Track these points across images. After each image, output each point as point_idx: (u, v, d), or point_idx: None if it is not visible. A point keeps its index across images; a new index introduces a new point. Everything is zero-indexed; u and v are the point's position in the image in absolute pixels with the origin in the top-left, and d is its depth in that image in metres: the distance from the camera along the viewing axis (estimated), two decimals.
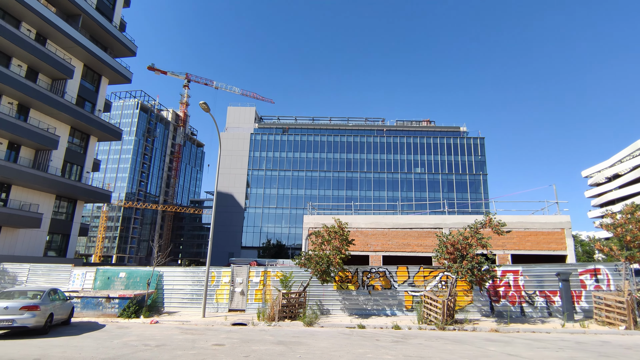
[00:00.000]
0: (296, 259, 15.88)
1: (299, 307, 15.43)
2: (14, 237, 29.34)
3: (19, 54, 28.93)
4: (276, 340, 11.18)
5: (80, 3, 33.24)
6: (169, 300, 17.68)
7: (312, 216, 22.28)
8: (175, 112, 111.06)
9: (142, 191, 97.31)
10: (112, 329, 13.18)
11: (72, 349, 9.72)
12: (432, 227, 20.61)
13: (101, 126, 36.01)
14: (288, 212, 79.68)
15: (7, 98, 28.73)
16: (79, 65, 34.90)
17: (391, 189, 79.14)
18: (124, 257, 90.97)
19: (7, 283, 18.77)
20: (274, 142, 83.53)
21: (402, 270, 16.81)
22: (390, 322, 14.42)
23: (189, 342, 10.73)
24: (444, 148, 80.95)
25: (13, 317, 11.15)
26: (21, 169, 28.19)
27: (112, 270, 18.64)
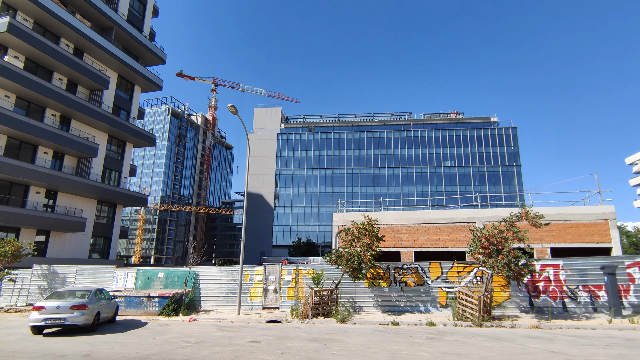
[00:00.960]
0: (327, 256, 15.96)
1: (331, 304, 15.52)
2: (62, 241, 31.25)
3: (60, 68, 30.71)
4: (310, 337, 11.31)
5: (113, 16, 34.81)
6: (205, 299, 18.27)
7: (341, 214, 22.30)
8: (204, 116, 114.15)
9: (176, 194, 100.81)
10: (153, 326, 13.77)
11: (118, 345, 10.26)
12: (465, 222, 20.11)
13: (136, 133, 37.64)
14: (317, 210, 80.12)
15: (50, 110, 30.60)
16: (113, 75, 36.60)
17: (420, 184, 77.79)
18: (161, 258, 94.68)
19: (58, 284, 20.02)
20: (301, 141, 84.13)
21: (434, 266, 16.53)
22: (424, 318, 14.23)
23: (226, 339, 11.05)
24: (474, 140, 78.59)
25: (64, 315, 11.90)
26: (66, 177, 29.98)
27: (152, 270, 19.47)
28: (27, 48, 27.82)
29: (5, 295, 20.24)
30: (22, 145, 28.80)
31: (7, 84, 26.58)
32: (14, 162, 26.36)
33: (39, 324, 11.79)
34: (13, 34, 26.23)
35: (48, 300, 12.42)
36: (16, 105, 28.16)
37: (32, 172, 27.45)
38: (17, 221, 26.84)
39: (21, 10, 28.50)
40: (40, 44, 28.11)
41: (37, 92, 27.90)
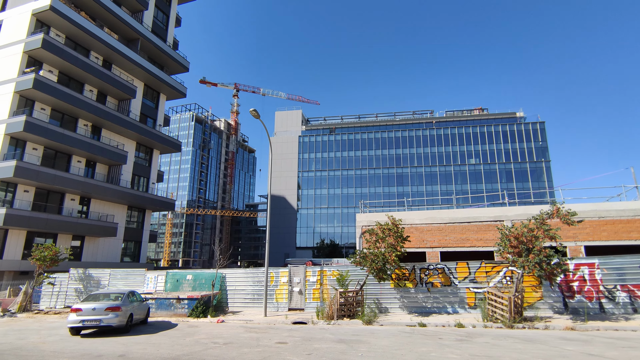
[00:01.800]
0: (351, 257, 15.93)
1: (357, 305, 15.47)
2: (95, 246, 32.59)
3: (90, 80, 32.11)
4: (337, 339, 11.31)
5: (139, 28, 36.09)
6: (232, 300, 18.59)
7: (365, 214, 22.20)
8: (227, 121, 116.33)
9: (202, 198, 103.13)
10: (183, 327, 14.15)
11: (151, 346, 10.60)
12: (492, 220, 19.59)
13: (163, 140, 38.83)
14: (340, 211, 80.00)
15: (82, 121, 32.02)
16: (140, 85, 37.91)
17: (444, 183, 76.32)
18: (189, 261, 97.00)
19: (93, 287, 20.89)
20: (322, 143, 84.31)
21: (462, 266, 16.19)
22: (452, 320, 13.96)
23: (253, 340, 11.22)
24: (500, 136, 76.39)
25: (100, 317, 12.41)
26: (98, 184, 31.27)
27: (180, 273, 20.00)
28: (60, 62, 29.25)
29: (45, 297, 21.28)
30: (57, 154, 30.25)
31: (43, 97, 28.02)
32: (50, 171, 27.74)
33: (76, 325, 12.35)
34: (47, 49, 27.64)
35: (84, 302, 12.99)
36: (51, 117, 29.64)
37: (67, 180, 28.79)
38: (54, 227, 28.21)
39: (54, 26, 29.99)
40: (73, 58, 29.49)
41: (71, 103, 29.27)
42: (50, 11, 28.12)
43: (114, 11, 33.37)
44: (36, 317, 17.80)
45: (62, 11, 28.87)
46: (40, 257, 20.02)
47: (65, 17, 29.11)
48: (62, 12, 28.81)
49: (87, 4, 31.85)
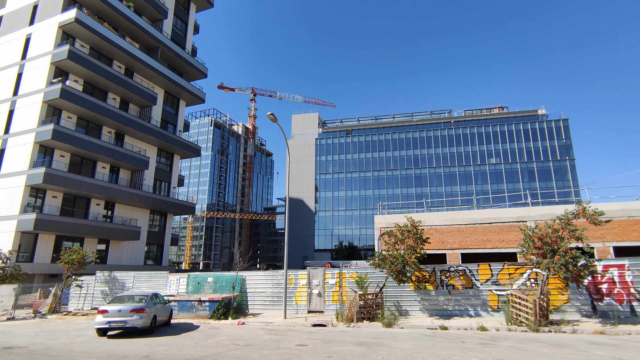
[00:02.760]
0: (370, 259, 15.85)
1: (377, 308, 15.37)
2: (120, 249, 33.52)
3: (113, 89, 33.14)
4: (357, 341, 11.27)
5: (159, 36, 37.05)
6: (252, 303, 18.78)
7: (383, 216, 22.05)
8: (244, 125, 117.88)
9: (221, 201, 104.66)
10: (205, 329, 14.37)
11: (174, 347, 10.82)
12: (515, 221, 19.12)
13: (183, 145, 39.67)
14: (357, 213, 79.70)
15: (106, 128, 33.06)
16: (160, 92, 38.88)
17: (464, 183, 75.03)
18: (209, 264, 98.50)
19: (118, 289, 21.48)
20: (339, 145, 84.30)
21: (484, 268, 15.86)
22: (474, 323, 13.68)
23: (274, 342, 11.30)
24: (521, 134, 74.55)
25: (125, 318, 12.75)
26: (122, 189, 32.20)
27: (201, 275, 20.35)
28: (85, 72, 30.33)
29: (73, 299, 22.02)
30: (83, 161, 31.32)
31: (69, 106, 29.10)
32: (77, 177, 28.74)
33: (103, 327, 12.73)
34: (73, 60, 28.71)
35: (110, 304, 13.37)
36: (77, 125, 30.73)
37: (92, 185, 29.77)
38: (81, 231, 29.18)
39: (79, 38, 31.13)
40: (97, 68, 30.53)
41: (95, 112, 30.28)
42: (76, 23, 29.20)
43: (135, 21, 34.38)
44: (65, 319, 18.43)
45: (87, 23, 29.94)
46: (68, 260, 20.75)
47: (89, 29, 30.17)
48: (86, 24, 29.88)
49: (110, 15, 32.93)
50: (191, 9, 44.44)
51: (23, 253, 26.96)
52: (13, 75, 31.19)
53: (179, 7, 42.63)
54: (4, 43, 33.18)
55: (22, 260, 26.56)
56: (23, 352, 10.27)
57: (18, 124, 29.16)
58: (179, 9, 42.50)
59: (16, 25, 33.15)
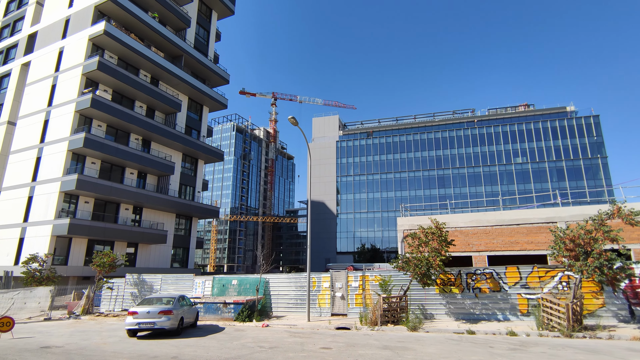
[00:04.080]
0: (393, 262, 15.67)
1: (401, 311, 15.17)
2: (147, 252, 34.53)
3: (140, 97, 34.30)
4: (381, 345, 11.16)
5: (182, 45, 38.11)
6: (276, 305, 18.92)
7: (406, 218, 21.79)
8: (266, 129, 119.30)
9: (244, 205, 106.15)
10: (230, 331, 14.58)
11: (201, 348, 11.04)
12: (544, 222, 18.49)
13: (207, 150, 40.56)
14: (380, 215, 79.00)
15: (134, 135, 34.22)
16: (184, 99, 39.93)
17: (489, 183, 73.05)
18: (233, 266, 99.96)
19: (146, 291, 22.12)
20: (360, 147, 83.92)
21: (512, 271, 15.38)
22: (503, 327, 13.29)
23: (298, 345, 11.34)
24: (548, 132, 71.93)
25: (154, 320, 13.11)
26: (149, 194, 33.20)
27: (226, 278, 20.67)
28: (113, 82, 31.55)
29: (104, 301, 22.84)
30: (112, 167, 32.53)
31: (99, 115, 30.32)
32: (107, 183, 29.86)
33: (133, 328, 13.13)
34: (102, 70, 29.93)
35: (139, 306, 13.78)
36: (107, 132, 31.96)
37: (121, 191, 30.85)
38: (111, 235, 30.27)
39: (108, 49, 32.43)
40: (125, 77, 31.70)
41: (123, 120, 31.42)
42: (105, 35, 30.45)
43: (160, 31, 35.49)
44: (97, 319, 19.13)
45: (115, 34, 31.16)
46: (99, 263, 21.57)
47: (117, 40, 31.38)
48: (114, 36, 31.10)
49: (136, 26, 34.15)
50: (213, 17, 45.49)
51: (58, 256, 28.20)
52: (48, 87, 32.81)
53: (201, 16, 43.72)
54: (40, 56, 34.99)
55: (57, 263, 27.78)
56: (59, 352, 10.73)
57: (52, 133, 30.61)
58: (201, 17, 43.59)
59: (50, 39, 34.89)
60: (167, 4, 36.23)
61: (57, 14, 35.30)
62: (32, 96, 33.78)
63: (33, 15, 38.27)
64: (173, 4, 37.17)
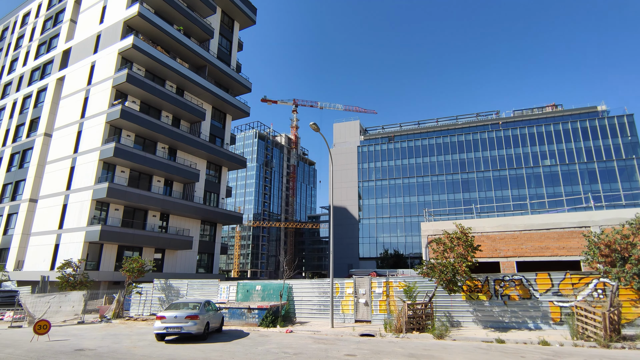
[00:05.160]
0: (417, 268, 15.44)
1: (426, 318, 14.89)
2: (174, 258, 35.37)
3: (166, 107, 35.41)
4: (407, 353, 10.98)
5: (206, 56, 39.17)
6: (299, 311, 18.95)
7: (430, 223, 21.44)
8: (287, 136, 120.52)
9: (266, 211, 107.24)
10: (254, 337, 14.72)
11: (227, 353, 11.19)
12: (576, 226, 17.76)
13: (230, 157, 41.34)
14: (402, 220, 77.95)
15: (160, 144, 35.30)
16: (208, 107, 40.92)
17: (516, 187, 70.83)
18: (256, 272, 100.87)
19: (173, 296, 22.64)
20: (381, 152, 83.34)
21: (543, 278, 14.84)
22: (534, 336, 12.81)
23: (322, 352, 11.31)
24: (578, 133, 69.16)
25: (181, 324, 13.40)
26: (175, 201, 34.08)
27: (250, 283, 20.91)
28: (141, 93, 32.73)
29: (134, 305, 23.52)
30: (140, 175, 33.62)
31: (128, 125, 31.49)
32: (135, 191, 30.88)
33: (161, 332, 13.46)
34: (131, 82, 31.13)
35: (167, 310, 14.12)
36: (135, 142, 33.12)
37: (149, 198, 31.82)
38: (140, 241, 31.21)
39: (136, 62, 33.72)
40: (152, 89, 32.85)
41: (151, 129, 32.50)
42: (133, 49, 31.70)
43: (186, 43, 36.63)
44: (127, 323, 19.72)
45: (143, 48, 32.39)
46: (129, 268, 22.27)
47: (145, 53, 32.60)
48: (142, 49, 32.32)
49: (162, 39, 35.38)
50: (235, 27, 46.57)
51: (90, 262, 29.31)
52: (81, 100, 34.39)
53: (224, 27, 44.84)
54: (74, 71, 36.78)
55: (89, 268, 28.87)
56: (92, 354, 11.13)
57: (85, 143, 32.00)
58: (223, 28, 44.70)
59: (83, 54, 36.63)
60: (191, 17, 37.38)
61: (89, 30, 37.06)
62: (67, 109, 35.48)
63: (67, 32, 40.33)
64: (197, 16, 38.31)
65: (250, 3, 47.32)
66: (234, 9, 45.00)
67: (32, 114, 39.90)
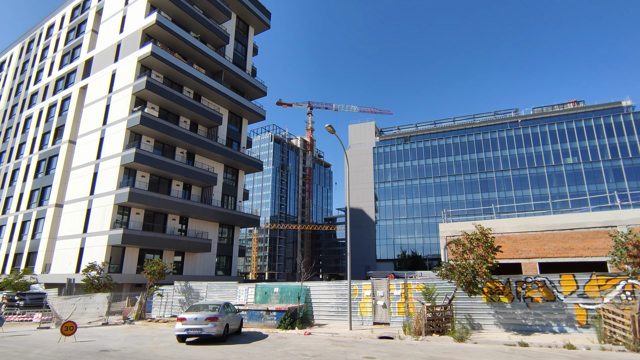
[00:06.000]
0: (436, 270, 15.25)
1: (446, 321, 14.68)
2: (193, 260, 35.96)
3: (184, 112, 36.11)
4: (427, 356, 10.85)
5: (222, 61, 39.79)
6: (317, 313, 18.96)
7: (448, 224, 21.13)
8: (302, 138, 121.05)
9: (283, 213, 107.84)
10: (273, 338, 14.80)
11: (246, 355, 11.30)
12: (602, 226, 17.19)
13: (247, 161, 41.81)
14: (420, 221, 77.04)
15: (179, 149, 36.01)
16: (225, 112, 41.52)
17: (537, 186, 68.99)
18: (274, 274, 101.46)
19: (193, 298, 23.00)
20: (397, 153, 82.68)
21: (567, 279, 14.42)
22: (559, 340, 12.46)
23: (341, 354, 11.29)
24: (602, 130, 66.87)
25: (201, 326, 13.61)
26: (194, 204, 34.68)
27: (268, 285, 21.05)
28: (160, 99, 33.49)
29: (155, 307, 24.01)
30: (160, 180, 34.36)
31: (148, 131, 32.26)
32: (156, 195, 31.58)
33: (182, 334, 13.71)
34: (150, 89, 31.89)
35: (187, 312, 14.37)
36: (154, 147, 33.89)
37: (169, 202, 32.48)
38: (160, 244, 31.87)
39: (154, 69, 34.55)
40: (170, 95, 33.58)
41: (170, 135, 33.20)
42: (152, 56, 32.49)
43: (202, 49, 37.32)
44: (149, 325, 20.15)
45: (161, 55, 33.17)
46: (150, 271, 22.76)
47: (163, 60, 33.36)
48: (160, 56, 33.10)
49: (179, 46, 36.14)
50: (250, 32, 47.15)
51: (113, 264, 30.09)
52: (102, 107, 35.45)
53: (239, 32, 45.46)
54: (96, 79, 37.97)
55: (112, 271, 29.64)
56: (116, 355, 11.43)
57: (107, 149, 32.95)
58: (239, 33, 45.32)
59: (104, 63, 37.78)
60: (207, 23, 38.06)
61: (110, 40, 38.20)
62: (89, 116, 36.63)
63: (89, 42, 41.69)
64: (213, 22, 38.98)
65: (264, 8, 47.84)
66: (249, 14, 45.58)
67: (57, 122, 41.36)
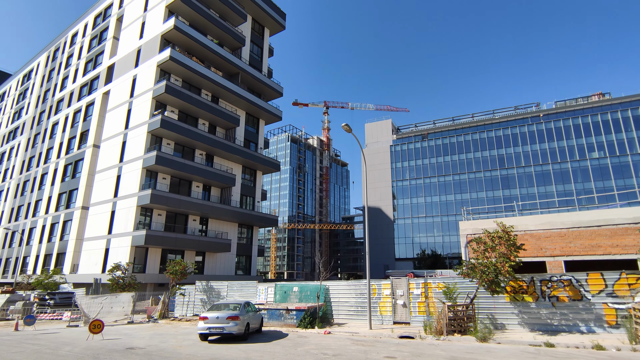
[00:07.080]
0: (457, 268, 15.03)
1: (468, 320, 14.45)
2: (214, 260, 36.56)
3: (203, 115, 36.74)
4: (449, 356, 10.72)
5: (239, 63, 40.28)
6: (336, 312, 18.99)
7: (469, 222, 20.76)
8: (319, 138, 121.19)
9: (301, 213, 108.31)
10: (293, 337, 14.91)
11: (267, 354, 11.43)
12: (631, 222, 16.54)
13: (264, 161, 42.22)
14: (439, 219, 75.95)
15: (198, 150, 36.68)
16: (242, 113, 42.01)
17: (561, 182, 66.91)
18: (292, 273, 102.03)
19: (214, 297, 23.40)
20: (414, 150, 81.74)
21: (595, 278, 13.97)
22: (587, 340, 12.08)
23: (361, 353, 11.28)
24: (630, 122, 64.22)
25: (222, 325, 13.84)
26: (214, 205, 35.26)
27: (287, 285, 21.21)
28: (179, 103, 34.19)
29: (178, 306, 24.54)
30: (180, 182, 35.08)
31: (168, 134, 32.99)
32: (176, 197, 32.27)
33: (204, 332, 13.97)
34: (169, 93, 32.60)
35: (209, 311, 14.63)
36: (175, 150, 34.63)
37: (189, 203, 33.13)
38: (182, 245, 32.55)
39: (173, 73, 35.28)
40: (189, 98, 34.24)
41: (189, 137, 33.85)
42: (170, 61, 33.19)
43: (219, 52, 37.87)
44: (172, 324, 20.62)
45: (179, 59, 33.85)
46: (172, 271, 23.29)
47: (181, 64, 34.04)
48: (179, 60, 33.78)
49: (197, 49, 36.79)
50: (265, 34, 47.54)
51: (137, 265, 30.92)
52: (124, 112, 36.46)
53: (255, 34, 45.90)
54: (117, 85, 39.07)
55: (136, 271, 30.47)
56: (142, 353, 11.76)
57: (129, 152, 33.87)
58: (254, 35, 45.77)
59: (125, 68, 38.83)
60: (223, 26, 38.59)
61: (130, 46, 39.22)
62: (112, 121, 37.74)
63: (111, 48, 42.93)
64: (229, 25, 39.49)
65: (279, 9, 48.12)
66: (264, 16, 45.95)
67: (82, 127, 42.78)
